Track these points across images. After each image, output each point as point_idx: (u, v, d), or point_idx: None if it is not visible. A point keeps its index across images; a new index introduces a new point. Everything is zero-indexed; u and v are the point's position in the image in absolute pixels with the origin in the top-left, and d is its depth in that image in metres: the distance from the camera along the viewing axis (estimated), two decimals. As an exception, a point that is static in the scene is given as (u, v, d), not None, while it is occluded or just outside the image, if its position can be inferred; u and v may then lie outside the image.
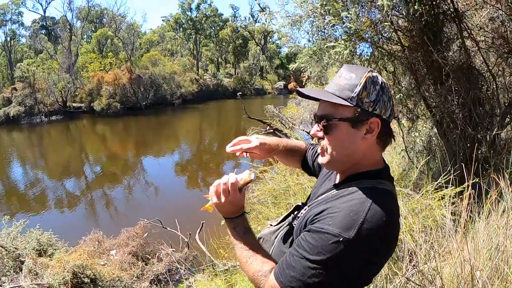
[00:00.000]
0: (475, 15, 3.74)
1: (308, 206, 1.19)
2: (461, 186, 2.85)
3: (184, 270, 5.21)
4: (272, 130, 11.54)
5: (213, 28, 48.12)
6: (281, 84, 48.41)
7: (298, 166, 1.66)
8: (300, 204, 1.38)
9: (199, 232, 6.14)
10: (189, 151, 19.07)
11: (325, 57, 3.97)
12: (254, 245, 1.18)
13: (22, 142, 22.77)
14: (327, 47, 3.83)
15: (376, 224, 0.93)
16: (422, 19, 3.32)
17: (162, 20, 49.33)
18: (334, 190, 1.11)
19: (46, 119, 27.94)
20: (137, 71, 32.73)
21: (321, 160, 1.14)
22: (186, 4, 44.90)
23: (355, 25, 3.49)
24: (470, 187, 2.56)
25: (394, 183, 1.13)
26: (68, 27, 34.50)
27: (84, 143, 21.54)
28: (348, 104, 1.04)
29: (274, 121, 12.24)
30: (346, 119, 1.05)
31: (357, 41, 3.62)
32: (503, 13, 3.43)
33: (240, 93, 29.83)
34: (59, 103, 29.44)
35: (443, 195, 3.02)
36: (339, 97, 1.05)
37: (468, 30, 3.60)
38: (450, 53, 3.73)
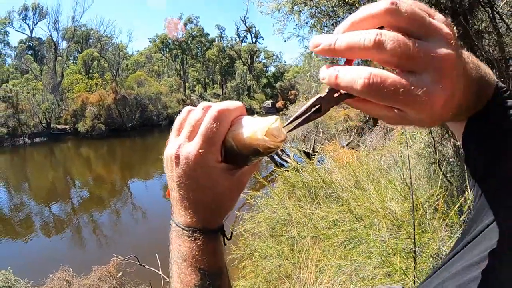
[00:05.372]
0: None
1: None
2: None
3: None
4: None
5: (200, 48, 48.63)
6: (269, 103, 48.40)
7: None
8: None
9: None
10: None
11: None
12: None
13: (5, 165, 22.21)
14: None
15: None
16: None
17: (149, 41, 49.43)
18: None
19: (29, 141, 27.45)
20: (122, 91, 32.52)
21: None
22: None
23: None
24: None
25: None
26: (53, 47, 34.34)
27: (69, 166, 21.17)
28: None
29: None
30: None
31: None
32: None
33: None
34: (43, 124, 29.03)
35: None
36: None
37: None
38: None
